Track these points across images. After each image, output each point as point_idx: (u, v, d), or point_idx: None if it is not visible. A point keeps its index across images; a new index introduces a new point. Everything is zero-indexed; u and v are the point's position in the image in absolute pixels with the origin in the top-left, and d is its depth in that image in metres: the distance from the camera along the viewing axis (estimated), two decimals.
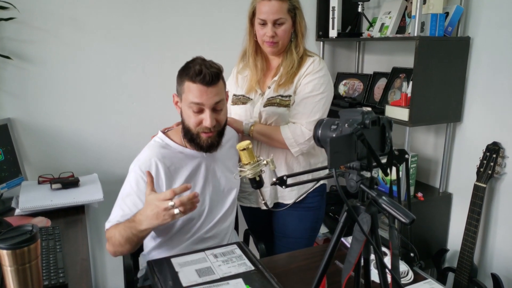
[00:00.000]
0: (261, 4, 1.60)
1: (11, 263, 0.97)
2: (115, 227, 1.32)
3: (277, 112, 1.65)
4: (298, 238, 1.78)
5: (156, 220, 1.18)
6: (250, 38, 1.71)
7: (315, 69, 1.64)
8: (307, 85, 1.63)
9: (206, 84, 1.33)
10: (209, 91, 1.34)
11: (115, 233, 1.30)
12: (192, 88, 1.34)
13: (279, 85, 1.65)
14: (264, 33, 1.62)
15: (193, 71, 1.33)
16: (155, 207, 1.17)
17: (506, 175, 1.96)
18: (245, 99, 1.72)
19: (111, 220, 1.35)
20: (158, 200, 1.17)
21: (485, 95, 2.03)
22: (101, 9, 2.10)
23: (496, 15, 1.93)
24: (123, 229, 1.28)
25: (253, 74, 1.71)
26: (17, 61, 1.98)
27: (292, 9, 1.62)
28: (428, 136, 2.38)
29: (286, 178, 1.06)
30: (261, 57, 1.72)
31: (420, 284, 1.28)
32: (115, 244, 1.30)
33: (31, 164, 2.08)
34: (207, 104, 1.35)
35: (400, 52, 2.45)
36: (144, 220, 1.21)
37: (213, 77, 1.33)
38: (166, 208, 1.15)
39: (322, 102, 1.64)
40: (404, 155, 0.93)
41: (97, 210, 1.93)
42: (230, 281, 1.17)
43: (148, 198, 1.22)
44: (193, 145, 1.43)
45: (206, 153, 1.47)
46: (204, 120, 1.37)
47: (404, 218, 0.78)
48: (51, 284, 1.21)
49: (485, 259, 2.10)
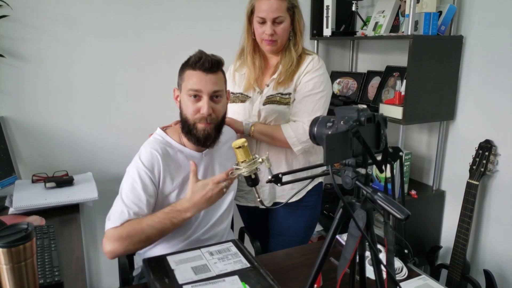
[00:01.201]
0: (260, 3, 1.60)
1: (7, 261, 0.97)
2: (136, 223, 1.27)
3: (277, 110, 1.65)
4: (293, 236, 1.78)
5: (207, 203, 1.30)
6: (248, 36, 1.70)
7: (314, 67, 1.65)
8: (307, 84, 1.64)
9: (205, 70, 1.35)
10: (208, 78, 1.36)
11: (137, 228, 1.25)
12: (191, 75, 1.37)
13: (279, 83, 1.65)
14: (263, 31, 1.62)
15: (193, 59, 1.37)
16: (210, 191, 1.28)
17: (498, 172, 1.98)
18: (243, 97, 1.72)
19: (114, 219, 1.28)
20: (213, 183, 1.28)
21: (477, 93, 2.05)
22: (95, 7, 2.09)
23: (488, 14, 1.96)
24: (157, 222, 1.27)
25: (251, 72, 1.71)
26: (10, 59, 1.96)
27: (291, 8, 1.62)
28: (421, 134, 2.40)
29: (281, 176, 1.06)
30: (259, 55, 1.72)
31: (414, 280, 1.29)
32: (135, 240, 1.25)
33: (25, 163, 2.07)
34: (205, 90, 1.36)
35: (393, 51, 2.47)
36: (192, 207, 1.29)
37: (212, 64, 1.35)
38: (221, 190, 1.28)
39: (323, 100, 1.65)
40: (398, 152, 0.94)
41: (91, 209, 1.92)
42: (226, 279, 1.17)
43: (196, 185, 1.30)
44: (190, 138, 1.42)
45: (204, 148, 1.46)
46: (202, 108, 1.37)
47: (400, 214, 0.79)
48: (47, 282, 1.21)
49: (478, 255, 2.12)
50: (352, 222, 0.90)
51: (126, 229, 1.26)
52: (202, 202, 1.29)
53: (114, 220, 1.28)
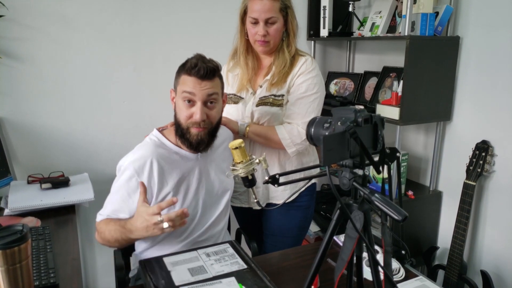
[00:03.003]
0: (253, 3, 1.59)
1: (2, 263, 0.96)
2: (106, 224, 1.34)
3: (270, 112, 1.64)
4: (286, 236, 1.78)
5: (146, 232, 1.20)
6: (241, 37, 1.70)
7: (308, 69, 1.64)
8: (301, 85, 1.63)
9: (200, 77, 1.34)
10: (203, 84, 1.35)
11: (105, 230, 1.32)
12: (186, 80, 1.36)
13: (272, 84, 1.64)
14: (256, 32, 1.61)
15: (189, 65, 1.36)
16: (145, 221, 1.19)
17: (495, 173, 1.98)
18: (236, 98, 1.72)
19: (102, 213, 1.38)
20: (147, 214, 1.18)
21: (474, 94, 2.05)
22: (91, 7, 2.09)
23: (485, 15, 1.96)
24: (113, 231, 1.30)
25: (244, 73, 1.70)
26: (6, 59, 1.95)
27: (284, 8, 1.62)
28: (418, 135, 2.41)
29: (278, 177, 1.06)
30: (252, 56, 1.72)
31: (412, 281, 1.29)
32: (104, 239, 1.34)
33: (20, 164, 2.05)
34: (199, 95, 1.35)
35: (390, 52, 2.47)
36: (135, 230, 1.23)
37: (208, 71, 1.34)
38: (155, 223, 1.16)
39: (316, 102, 1.65)
40: (395, 153, 0.94)
41: (87, 209, 1.91)
42: (223, 280, 1.17)
43: (139, 209, 1.23)
44: (184, 142, 1.41)
45: (197, 153, 1.45)
46: (195, 113, 1.36)
47: (397, 215, 0.79)
48: (42, 284, 1.20)
49: (475, 256, 2.13)
50: (350, 223, 0.90)
51: (101, 227, 1.35)
52: (141, 229, 1.20)
53: (99, 214, 1.40)
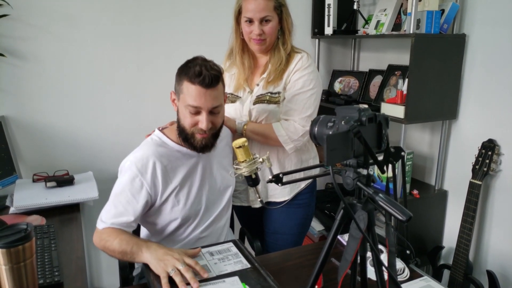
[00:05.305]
0: (247, 3, 1.59)
1: (6, 261, 0.97)
2: (116, 233, 1.28)
3: (267, 109, 1.65)
4: (287, 234, 1.78)
5: (158, 265, 1.16)
6: (236, 36, 1.70)
7: (303, 66, 1.64)
8: (297, 82, 1.63)
9: (205, 86, 1.30)
10: (208, 93, 1.31)
11: (113, 240, 1.26)
12: (190, 89, 1.31)
13: (268, 82, 1.65)
14: (251, 31, 1.61)
15: (192, 72, 1.30)
16: (170, 259, 1.16)
17: (501, 172, 1.97)
18: (233, 98, 1.72)
19: (105, 220, 1.31)
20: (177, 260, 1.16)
21: (480, 92, 2.03)
22: (95, 5, 2.09)
23: (491, 12, 1.94)
24: (125, 243, 1.24)
25: (241, 72, 1.71)
26: (10, 58, 1.96)
27: (278, 7, 1.62)
28: (423, 134, 2.39)
29: (282, 176, 1.06)
30: (248, 55, 1.72)
31: (416, 281, 1.28)
32: (107, 247, 1.27)
33: (26, 162, 2.07)
34: (205, 107, 1.33)
35: (395, 50, 2.45)
36: (149, 257, 1.19)
37: (212, 79, 1.30)
38: (175, 267, 1.14)
39: (313, 98, 1.64)
40: (400, 152, 0.93)
41: (92, 208, 1.91)
42: (226, 279, 1.16)
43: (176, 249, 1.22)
44: (188, 145, 1.42)
45: (200, 153, 1.46)
46: (200, 122, 1.35)
47: (401, 216, 0.78)
48: (46, 282, 1.21)
49: (481, 256, 2.11)
50: (353, 223, 0.90)
51: (108, 235, 1.29)
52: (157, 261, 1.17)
53: (100, 219, 1.33)
